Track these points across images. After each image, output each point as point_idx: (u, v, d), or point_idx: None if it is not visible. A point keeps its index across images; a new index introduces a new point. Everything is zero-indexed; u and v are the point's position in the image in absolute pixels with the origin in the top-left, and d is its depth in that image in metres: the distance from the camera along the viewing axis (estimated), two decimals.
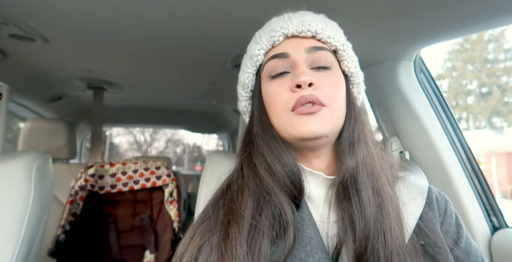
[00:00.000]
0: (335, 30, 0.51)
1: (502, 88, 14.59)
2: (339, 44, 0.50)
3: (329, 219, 0.45)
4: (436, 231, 0.45)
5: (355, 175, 0.45)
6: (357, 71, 0.54)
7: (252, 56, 0.51)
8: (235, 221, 0.41)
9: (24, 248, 0.70)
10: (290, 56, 0.47)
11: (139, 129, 15.98)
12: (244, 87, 0.54)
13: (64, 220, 1.22)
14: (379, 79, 1.03)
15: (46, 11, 0.79)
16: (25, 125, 1.50)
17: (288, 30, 0.48)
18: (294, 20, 0.49)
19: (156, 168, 1.41)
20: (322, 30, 0.48)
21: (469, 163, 0.94)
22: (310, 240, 0.42)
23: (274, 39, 0.49)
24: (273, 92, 0.48)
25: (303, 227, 0.43)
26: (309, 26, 0.48)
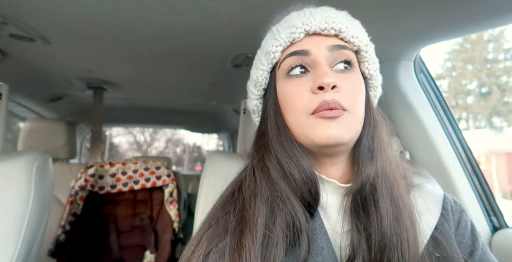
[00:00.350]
0: (359, 29, 0.48)
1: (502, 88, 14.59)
2: (362, 44, 0.47)
3: (342, 229, 0.43)
4: (452, 244, 0.44)
5: (375, 184, 0.42)
6: (377, 74, 0.51)
7: (269, 52, 0.47)
8: (249, 231, 0.39)
9: (24, 248, 0.70)
10: (311, 54, 0.44)
11: (139, 129, 15.97)
12: (257, 85, 0.50)
13: (64, 220, 1.22)
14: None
15: (46, 11, 0.79)
16: (25, 125, 1.50)
17: (310, 27, 0.44)
18: (317, 16, 0.44)
19: (156, 168, 1.41)
20: (346, 28, 0.45)
21: (469, 163, 0.94)
22: (321, 250, 0.40)
23: (294, 35, 0.44)
24: (291, 93, 0.44)
25: (315, 236, 0.41)
26: (333, 24, 0.44)
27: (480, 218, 0.89)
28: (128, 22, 0.84)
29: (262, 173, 0.44)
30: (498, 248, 0.84)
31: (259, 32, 0.67)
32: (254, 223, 0.39)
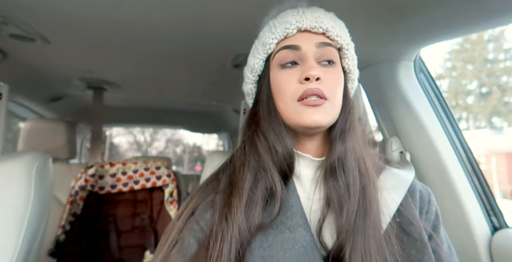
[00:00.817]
0: (342, 29, 0.55)
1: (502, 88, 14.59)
2: (344, 43, 0.55)
3: (314, 196, 0.52)
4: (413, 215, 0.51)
5: (343, 158, 0.51)
6: (355, 69, 0.59)
7: (265, 43, 0.54)
8: (237, 192, 0.49)
9: (24, 248, 0.70)
10: (301, 49, 0.51)
11: (139, 129, 15.98)
12: (253, 71, 0.58)
13: (64, 220, 1.22)
14: (379, 79, 1.03)
15: (46, 11, 0.79)
16: (25, 125, 1.50)
17: (302, 25, 0.52)
18: (308, 16, 0.52)
19: (156, 168, 1.41)
20: (332, 28, 0.53)
21: (469, 163, 0.94)
22: (291, 207, 0.49)
23: (288, 31, 0.52)
24: (282, 81, 0.52)
25: (287, 197, 0.50)
26: (321, 23, 0.52)
27: (480, 218, 0.89)
28: (128, 22, 0.84)
29: (251, 147, 0.53)
30: (498, 248, 0.84)
31: (259, 32, 0.67)
32: (241, 187, 0.49)
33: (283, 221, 0.48)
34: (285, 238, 0.46)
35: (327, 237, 0.48)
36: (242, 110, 1.18)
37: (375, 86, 1.08)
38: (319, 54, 0.52)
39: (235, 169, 0.53)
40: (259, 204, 0.48)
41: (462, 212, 0.88)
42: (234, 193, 0.49)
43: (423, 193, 0.57)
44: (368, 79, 1.09)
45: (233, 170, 0.54)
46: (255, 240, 0.46)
